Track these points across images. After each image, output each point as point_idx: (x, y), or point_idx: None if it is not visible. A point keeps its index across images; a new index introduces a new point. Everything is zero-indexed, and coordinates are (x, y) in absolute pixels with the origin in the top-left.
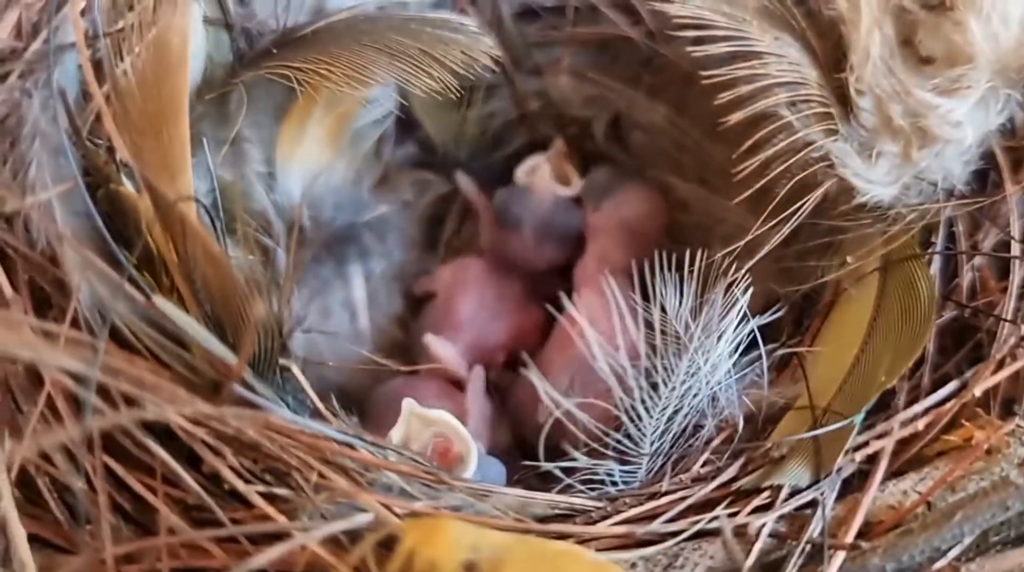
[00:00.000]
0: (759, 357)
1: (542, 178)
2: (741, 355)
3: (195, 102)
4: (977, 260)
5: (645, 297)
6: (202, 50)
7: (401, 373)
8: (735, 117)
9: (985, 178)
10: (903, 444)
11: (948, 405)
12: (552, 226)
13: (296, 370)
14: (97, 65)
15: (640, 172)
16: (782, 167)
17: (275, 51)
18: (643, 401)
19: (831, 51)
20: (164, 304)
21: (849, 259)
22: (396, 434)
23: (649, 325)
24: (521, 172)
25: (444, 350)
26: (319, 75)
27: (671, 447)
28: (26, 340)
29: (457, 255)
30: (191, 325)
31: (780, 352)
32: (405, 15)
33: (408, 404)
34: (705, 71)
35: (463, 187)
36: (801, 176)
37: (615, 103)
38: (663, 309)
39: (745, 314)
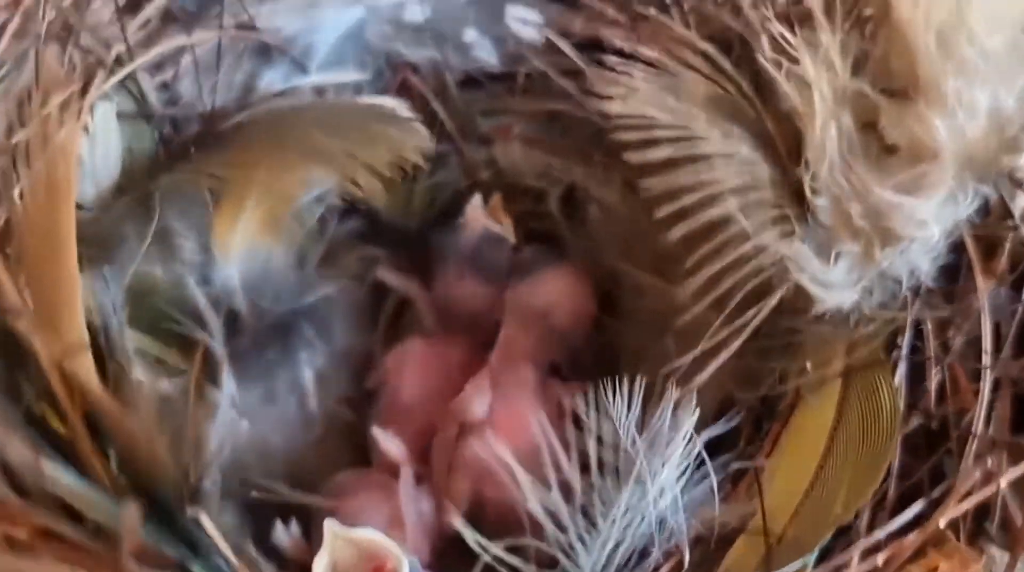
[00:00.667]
0: (713, 469)
1: (474, 209)
2: (695, 465)
3: (114, 202)
4: (949, 359)
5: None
6: (118, 147)
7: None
8: (677, 232)
9: (955, 269)
10: None
11: (912, 536)
12: (476, 260)
13: (207, 522)
14: None
15: (592, 254)
16: (736, 277)
17: (193, 150)
18: (580, 537)
19: (790, 140)
20: (54, 469)
21: (808, 366)
22: (320, 564)
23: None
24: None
25: (389, 444)
26: (238, 184)
27: None
28: None
29: (401, 335)
30: (80, 495)
31: (736, 465)
32: (332, 105)
33: (329, 526)
34: (646, 178)
35: (387, 280)
36: (756, 282)
37: (569, 175)
38: (600, 434)
39: (693, 429)
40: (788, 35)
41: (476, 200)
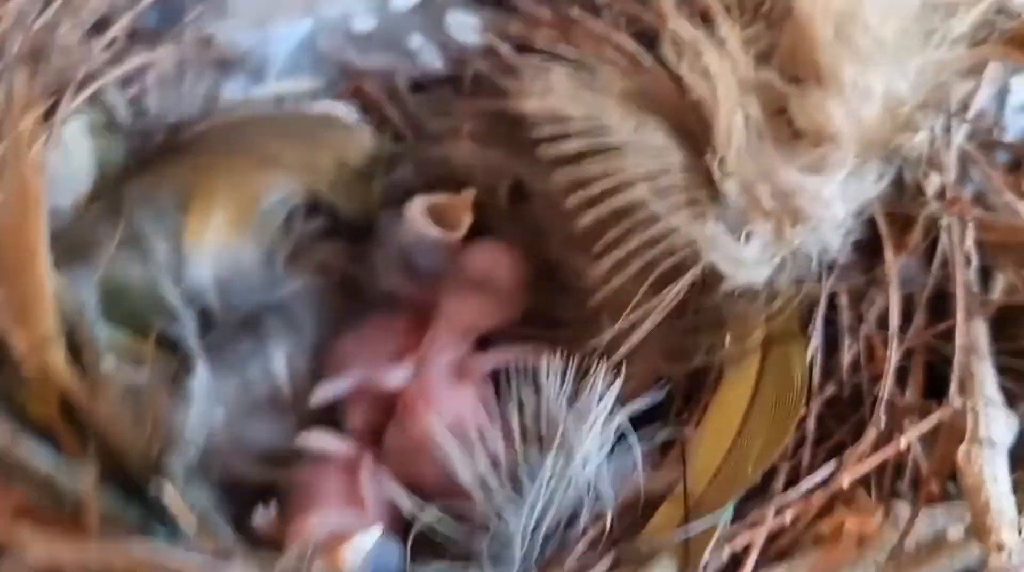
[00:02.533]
0: (642, 439)
1: (416, 213)
2: (625, 437)
3: (86, 209)
4: (864, 329)
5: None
6: (90, 159)
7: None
8: (586, 219)
9: (872, 245)
10: (776, 534)
11: (820, 494)
12: (409, 259)
13: (170, 492)
14: None
15: (537, 244)
16: (648, 257)
17: (158, 158)
18: (509, 500)
19: (705, 130)
20: (29, 448)
21: (728, 339)
22: None
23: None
24: (409, 205)
25: (324, 442)
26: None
27: (543, 543)
28: None
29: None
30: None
31: (663, 434)
32: (286, 114)
33: None
34: (562, 169)
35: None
36: (669, 262)
37: (515, 170)
38: (526, 400)
39: (622, 398)
40: (687, 27)
41: (418, 203)
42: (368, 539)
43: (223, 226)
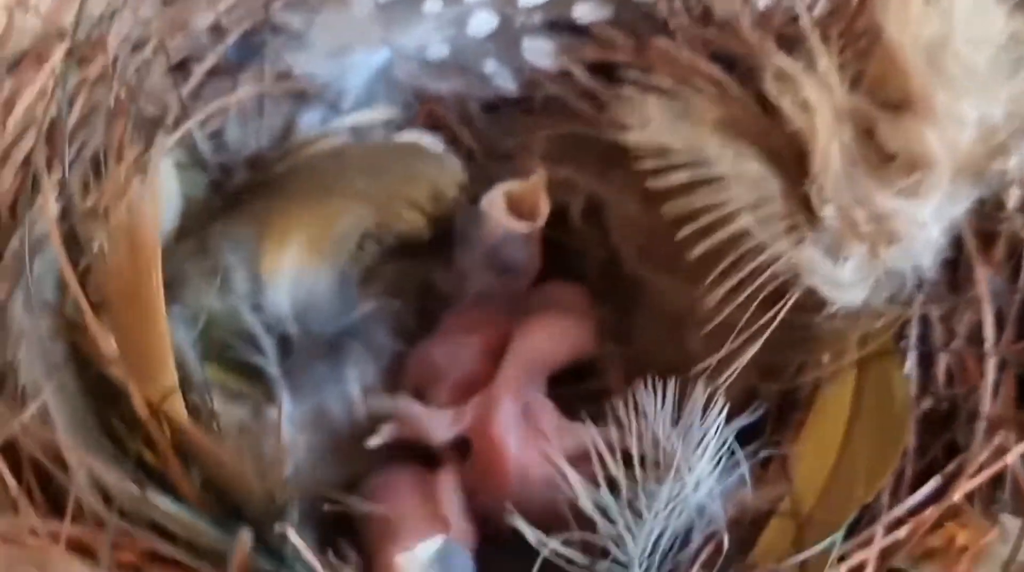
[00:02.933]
0: (743, 457)
1: (496, 208)
2: (726, 455)
3: (174, 245)
4: (956, 345)
5: None
6: (176, 196)
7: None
8: (699, 250)
9: (957, 262)
10: (887, 550)
11: (930, 510)
12: (496, 257)
13: (294, 537)
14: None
15: (612, 262)
16: (755, 285)
17: (243, 198)
18: (628, 528)
19: (795, 151)
20: (159, 499)
21: (824, 358)
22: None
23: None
24: (485, 199)
25: (410, 409)
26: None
27: (659, 565)
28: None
29: None
30: (183, 518)
31: (764, 452)
32: (370, 148)
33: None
34: (666, 202)
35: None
36: (771, 287)
37: (588, 188)
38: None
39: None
40: (787, 61)
41: (496, 196)
42: (429, 547)
43: (299, 253)
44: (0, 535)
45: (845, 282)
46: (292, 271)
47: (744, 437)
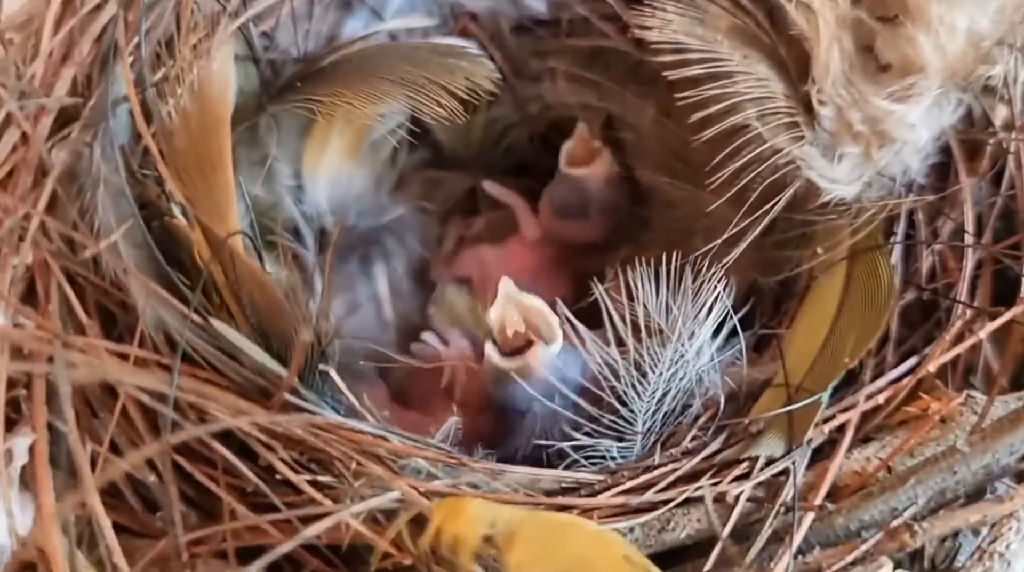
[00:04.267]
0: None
1: (599, 169)
2: (727, 337)
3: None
4: (939, 242)
5: None
6: (234, 84)
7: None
8: (707, 134)
9: (945, 168)
10: (867, 415)
11: (906, 380)
12: (614, 206)
13: (334, 375)
14: (147, 112)
15: (628, 174)
16: (754, 173)
17: (298, 84)
18: (634, 386)
19: (799, 62)
20: (221, 326)
21: (819, 250)
22: (493, 314)
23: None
24: (565, 163)
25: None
26: (338, 106)
27: (662, 425)
28: (106, 363)
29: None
30: (245, 344)
31: (759, 333)
32: (413, 44)
33: (506, 286)
34: (679, 93)
35: (493, 192)
36: (772, 178)
37: (607, 105)
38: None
39: (725, 302)
40: None
41: (603, 162)
42: (552, 349)
43: (337, 154)
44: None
45: (839, 178)
46: (330, 171)
47: (743, 326)
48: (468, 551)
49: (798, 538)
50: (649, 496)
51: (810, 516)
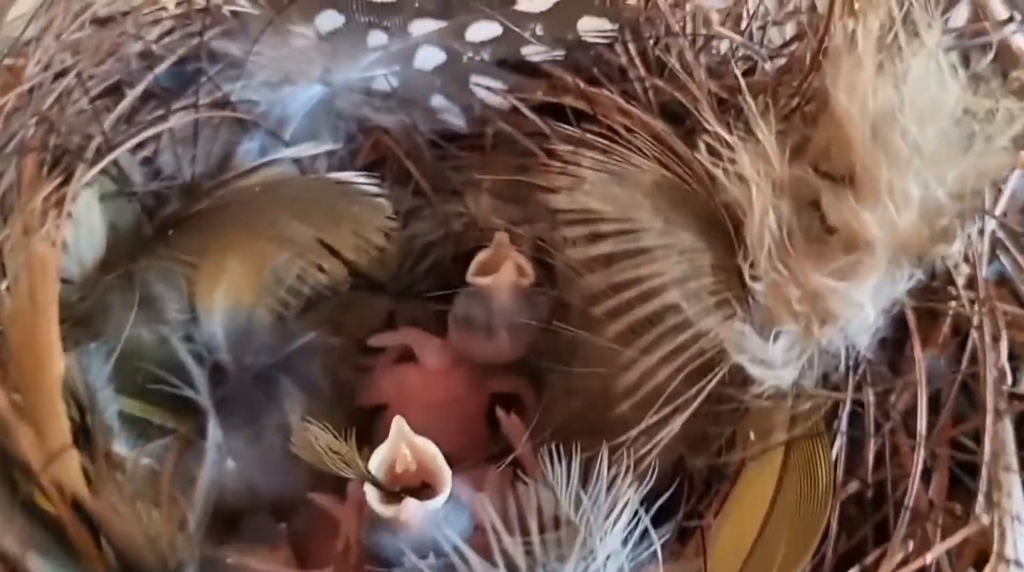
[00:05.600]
0: (661, 528)
1: (505, 276)
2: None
3: (98, 277)
4: (889, 426)
5: None
6: (101, 226)
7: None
8: (616, 327)
9: (900, 340)
10: None
11: None
12: (521, 322)
13: None
14: None
15: (561, 304)
16: (678, 362)
17: (171, 233)
18: None
19: (735, 224)
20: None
21: (751, 435)
22: (380, 452)
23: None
24: (474, 274)
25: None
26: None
27: None
28: None
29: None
30: None
31: (682, 524)
32: (304, 184)
33: (398, 424)
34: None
35: (383, 343)
36: (697, 363)
37: (536, 230)
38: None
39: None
40: (725, 129)
41: (491, 262)
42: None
43: (235, 282)
44: None
45: (775, 361)
46: (226, 302)
47: (667, 506)
48: None
49: None
50: None
51: None
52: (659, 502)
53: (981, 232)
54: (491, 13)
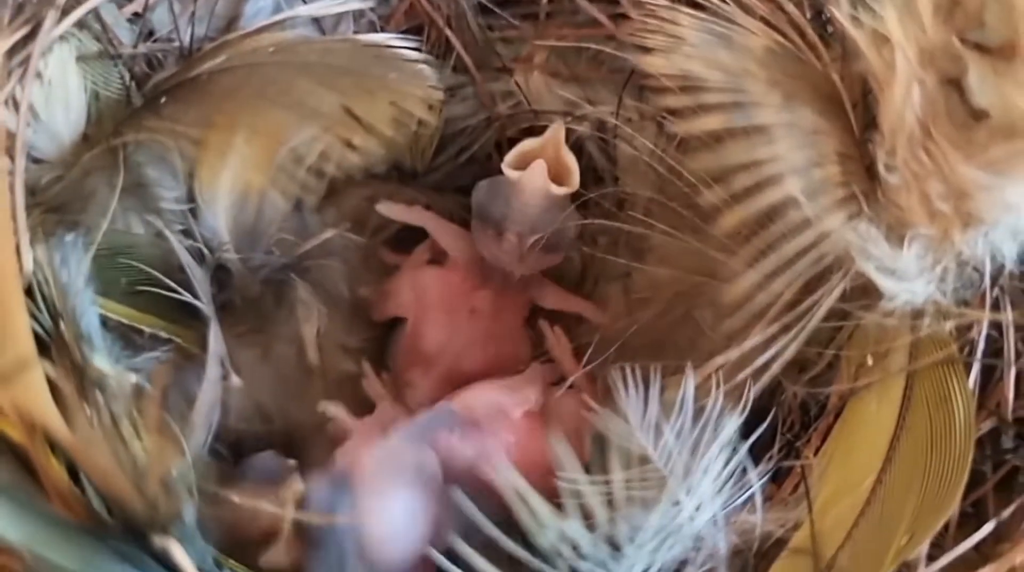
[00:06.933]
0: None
1: (534, 176)
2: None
3: (76, 154)
4: None
5: None
6: (81, 94)
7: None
8: (730, 220)
9: None
10: None
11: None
12: (541, 232)
13: (175, 551)
14: None
15: (620, 207)
16: (795, 271)
17: (164, 101)
18: (603, 564)
19: (864, 102)
20: None
21: (868, 360)
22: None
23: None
24: (509, 162)
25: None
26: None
27: None
28: None
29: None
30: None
31: (778, 463)
32: (327, 46)
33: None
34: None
35: (391, 214)
36: (813, 272)
37: (597, 114)
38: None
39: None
40: None
41: (530, 153)
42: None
43: (243, 165)
44: None
45: (906, 271)
46: (232, 191)
47: (758, 444)
48: None
49: None
50: None
51: None
52: (752, 437)
53: None
54: None
